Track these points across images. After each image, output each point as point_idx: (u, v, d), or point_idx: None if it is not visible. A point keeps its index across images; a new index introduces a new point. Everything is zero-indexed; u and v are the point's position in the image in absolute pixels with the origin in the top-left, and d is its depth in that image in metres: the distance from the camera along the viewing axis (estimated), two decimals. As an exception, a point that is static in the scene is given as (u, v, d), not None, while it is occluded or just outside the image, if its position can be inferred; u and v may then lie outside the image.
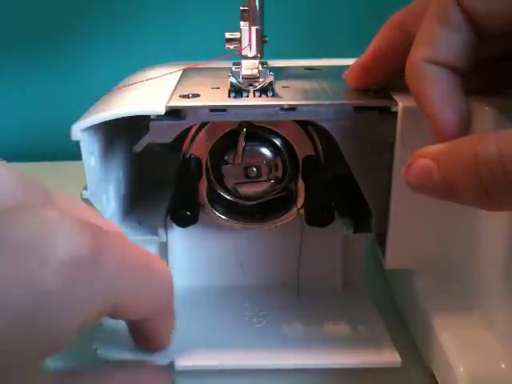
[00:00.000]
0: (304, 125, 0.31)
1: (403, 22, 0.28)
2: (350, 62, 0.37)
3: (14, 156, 0.58)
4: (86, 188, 0.30)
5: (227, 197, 0.33)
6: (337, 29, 0.58)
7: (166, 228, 0.33)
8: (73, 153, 0.30)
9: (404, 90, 0.31)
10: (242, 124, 0.31)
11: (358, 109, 0.29)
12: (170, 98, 0.30)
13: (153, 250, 0.34)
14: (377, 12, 0.57)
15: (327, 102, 0.29)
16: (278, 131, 0.31)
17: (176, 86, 0.32)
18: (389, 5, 0.57)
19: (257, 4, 0.32)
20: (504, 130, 0.21)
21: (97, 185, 0.30)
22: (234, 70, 0.34)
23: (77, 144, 0.29)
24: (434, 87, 0.25)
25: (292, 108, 0.29)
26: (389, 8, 0.59)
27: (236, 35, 0.33)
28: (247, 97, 0.31)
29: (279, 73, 0.35)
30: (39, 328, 0.20)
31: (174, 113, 0.29)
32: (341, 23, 0.58)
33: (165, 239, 0.33)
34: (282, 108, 0.29)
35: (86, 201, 0.30)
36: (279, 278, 0.36)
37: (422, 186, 0.25)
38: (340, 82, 0.33)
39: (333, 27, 0.58)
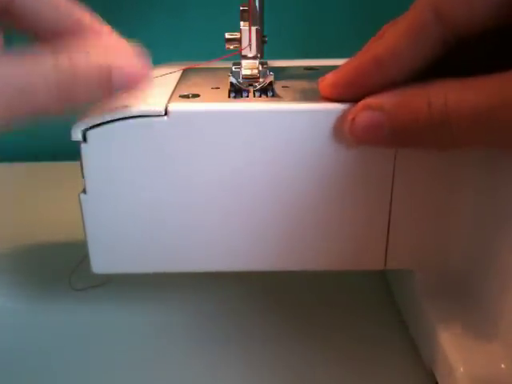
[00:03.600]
0: None
1: None
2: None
3: (14, 156, 0.58)
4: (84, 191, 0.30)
5: None
6: (337, 29, 0.58)
7: None
8: (73, 153, 0.30)
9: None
10: None
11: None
12: (169, 98, 0.30)
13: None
14: (377, 12, 0.58)
15: (325, 106, 0.29)
16: None
17: (176, 86, 0.32)
18: (388, 5, 0.57)
19: (257, 4, 0.32)
20: (450, 82, 0.24)
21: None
22: (233, 70, 0.34)
23: (77, 144, 0.29)
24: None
25: None
26: (388, 8, 0.59)
27: (236, 35, 0.33)
28: (247, 97, 0.31)
29: (279, 73, 0.35)
30: None
31: None
32: (341, 23, 0.58)
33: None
34: None
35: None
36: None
37: (371, 138, 0.26)
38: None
39: (333, 27, 0.58)
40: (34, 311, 0.37)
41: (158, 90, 0.32)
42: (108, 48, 0.25)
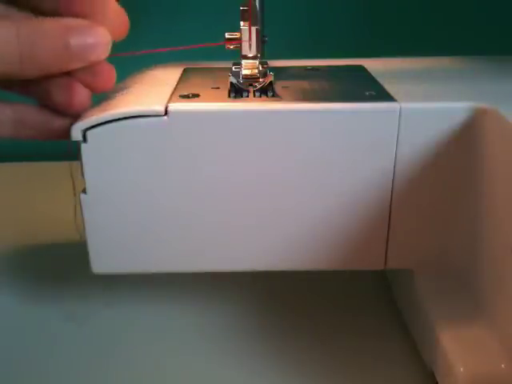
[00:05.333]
0: None
1: None
2: (349, 62, 0.38)
3: (14, 156, 0.58)
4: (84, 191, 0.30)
5: None
6: (337, 29, 0.58)
7: None
8: (73, 153, 0.30)
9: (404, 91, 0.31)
10: None
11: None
12: (169, 98, 0.30)
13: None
14: (376, 12, 0.58)
15: (324, 106, 0.29)
16: None
17: (176, 86, 0.32)
18: (388, 5, 0.57)
19: (257, 4, 0.32)
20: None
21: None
22: (233, 69, 0.34)
23: (77, 144, 0.29)
24: None
25: None
26: (388, 8, 0.59)
27: (236, 35, 0.33)
28: (247, 97, 0.31)
29: (279, 73, 0.35)
30: None
31: None
32: (341, 23, 0.58)
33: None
34: None
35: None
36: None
37: None
38: (340, 82, 0.33)
39: (333, 27, 0.58)
40: (33, 311, 0.37)
41: (158, 90, 0.32)
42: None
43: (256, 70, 0.33)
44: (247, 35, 0.32)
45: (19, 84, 0.29)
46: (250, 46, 0.32)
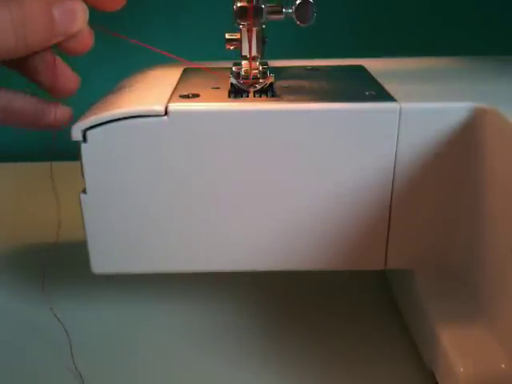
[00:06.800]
0: None
1: None
2: (349, 62, 0.38)
3: (14, 156, 0.58)
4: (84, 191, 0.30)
5: None
6: (337, 29, 0.58)
7: None
8: (73, 153, 0.30)
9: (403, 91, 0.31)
10: None
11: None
12: (169, 98, 0.30)
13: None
14: (377, 12, 0.58)
15: (324, 106, 0.29)
16: None
17: (176, 86, 0.32)
18: (388, 5, 0.57)
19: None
20: None
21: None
22: (234, 70, 0.34)
23: (77, 144, 0.29)
24: None
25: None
26: (388, 8, 0.59)
27: (236, 36, 0.33)
28: (247, 97, 0.31)
29: (279, 73, 0.35)
30: None
31: None
32: (341, 23, 0.58)
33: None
34: None
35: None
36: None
37: None
38: (340, 82, 0.33)
39: (333, 27, 0.58)
40: (33, 311, 0.37)
41: (158, 90, 0.32)
42: None
43: (256, 71, 0.33)
44: (247, 36, 0.32)
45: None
46: (250, 47, 0.32)
